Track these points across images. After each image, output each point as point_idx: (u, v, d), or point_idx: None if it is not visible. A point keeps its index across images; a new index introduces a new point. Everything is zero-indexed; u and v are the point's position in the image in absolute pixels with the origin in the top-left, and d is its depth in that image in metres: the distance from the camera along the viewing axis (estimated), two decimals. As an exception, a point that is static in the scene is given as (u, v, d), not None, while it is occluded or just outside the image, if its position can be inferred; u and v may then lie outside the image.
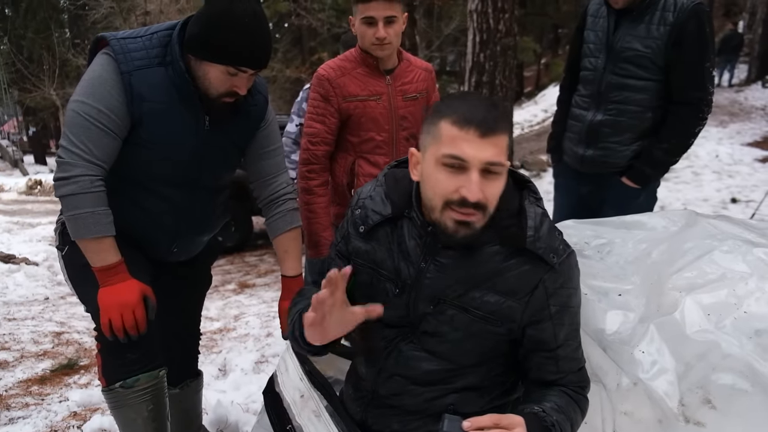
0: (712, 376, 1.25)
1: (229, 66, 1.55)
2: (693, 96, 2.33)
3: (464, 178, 1.14)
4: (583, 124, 2.54)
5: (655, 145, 2.40)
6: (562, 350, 1.27)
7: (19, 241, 7.47)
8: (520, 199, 1.28)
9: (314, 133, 2.22)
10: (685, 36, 2.26)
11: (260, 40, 1.56)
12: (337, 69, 2.23)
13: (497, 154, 1.14)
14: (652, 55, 2.32)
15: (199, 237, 1.95)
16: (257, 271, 6.27)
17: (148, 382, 1.67)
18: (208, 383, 2.93)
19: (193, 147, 1.69)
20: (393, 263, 1.31)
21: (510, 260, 1.23)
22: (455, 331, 1.26)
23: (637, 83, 2.38)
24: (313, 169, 2.24)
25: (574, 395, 1.26)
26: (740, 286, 1.35)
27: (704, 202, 7.09)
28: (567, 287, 1.25)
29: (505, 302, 1.23)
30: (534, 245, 1.22)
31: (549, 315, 1.24)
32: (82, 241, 1.59)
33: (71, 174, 1.54)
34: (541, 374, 1.29)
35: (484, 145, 1.13)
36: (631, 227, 1.67)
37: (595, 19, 2.50)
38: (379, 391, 1.36)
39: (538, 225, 1.24)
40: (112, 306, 1.58)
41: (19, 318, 4.47)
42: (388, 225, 1.33)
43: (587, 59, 2.52)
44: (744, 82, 16.03)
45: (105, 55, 1.59)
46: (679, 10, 2.25)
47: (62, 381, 3.22)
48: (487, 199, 1.16)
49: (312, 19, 15.69)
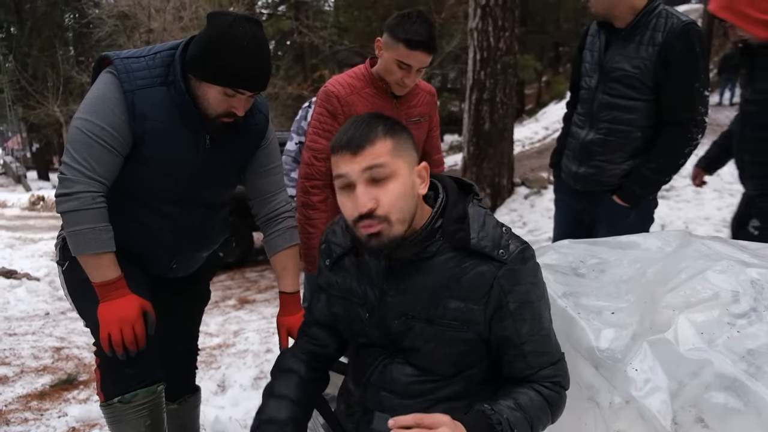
0: (705, 395, 1.25)
1: (227, 87, 1.57)
2: (682, 116, 2.34)
3: (355, 196, 1.20)
4: (578, 142, 2.58)
5: (644, 164, 2.42)
6: (528, 345, 1.27)
7: (21, 257, 7.50)
8: (464, 205, 1.31)
9: (320, 149, 2.22)
10: (674, 56, 2.26)
11: (259, 63, 1.59)
12: (347, 86, 2.24)
13: (374, 158, 1.19)
14: (640, 75, 2.33)
15: (199, 253, 1.97)
16: (257, 286, 6.28)
17: (145, 398, 1.68)
18: (206, 399, 2.94)
19: (194, 165, 1.72)
20: (361, 289, 1.36)
21: (463, 264, 1.25)
22: (428, 344, 1.28)
23: (626, 103, 2.39)
24: (316, 185, 2.24)
25: (546, 391, 1.26)
26: (733, 306, 1.36)
27: (705, 221, 7.07)
28: (524, 282, 1.25)
29: (465, 306, 1.25)
30: (479, 245, 1.24)
31: (509, 312, 1.25)
32: (83, 256, 1.61)
33: (73, 190, 1.57)
34: (512, 371, 1.30)
35: (357, 160, 1.20)
36: (626, 247, 1.68)
37: (593, 39, 2.54)
38: (368, 406, 1.37)
39: (481, 224, 1.26)
40: (111, 321, 1.59)
41: (20, 333, 4.47)
42: (352, 254, 1.39)
43: (584, 78, 2.56)
44: (744, 100, 16.09)
45: (108, 74, 1.62)
46: (668, 31, 2.26)
47: (61, 396, 3.22)
48: (381, 204, 1.19)
49: (314, 36, 15.85)
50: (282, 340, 1.89)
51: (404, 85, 2.17)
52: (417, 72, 2.15)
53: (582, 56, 2.60)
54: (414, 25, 2.07)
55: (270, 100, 3.44)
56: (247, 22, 1.56)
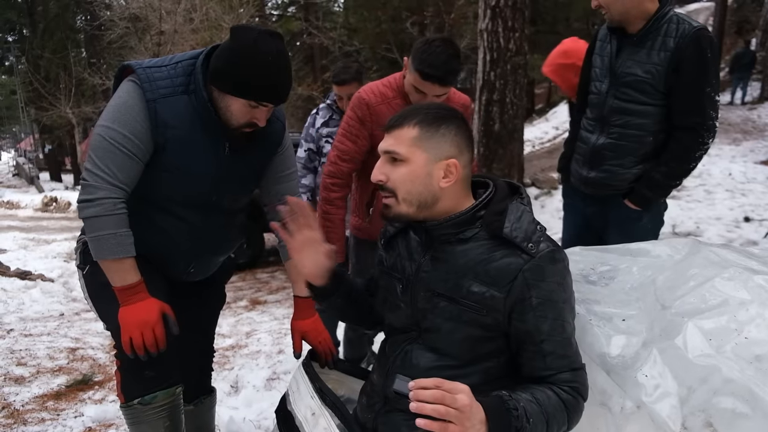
0: (714, 400, 1.27)
1: (251, 100, 1.62)
2: (693, 121, 2.34)
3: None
4: (588, 146, 2.59)
5: (655, 168, 2.43)
6: (547, 345, 1.29)
7: (34, 258, 7.58)
8: (508, 201, 1.39)
9: (346, 150, 2.31)
10: (685, 62, 2.27)
11: (282, 77, 1.63)
12: (379, 95, 2.30)
13: (393, 144, 1.37)
14: (652, 80, 2.34)
15: (216, 258, 2.01)
16: (269, 287, 6.32)
17: (165, 399, 1.72)
18: (220, 400, 2.97)
19: (213, 172, 1.76)
20: (401, 264, 1.48)
21: (493, 251, 1.32)
22: (448, 322, 1.35)
23: (637, 108, 2.40)
24: (337, 183, 2.33)
25: (564, 394, 1.27)
26: (741, 313, 1.37)
27: (717, 221, 7.04)
28: (549, 281, 1.29)
29: (488, 291, 1.30)
30: (510, 234, 1.31)
31: (531, 306, 1.28)
32: (104, 261, 1.65)
33: (95, 196, 1.61)
34: (531, 370, 1.32)
35: (387, 138, 1.40)
36: (636, 254, 1.70)
37: (603, 44, 2.55)
38: (388, 394, 1.41)
39: (517, 217, 1.34)
40: (132, 324, 1.64)
41: (35, 334, 4.53)
42: (403, 234, 1.52)
43: (593, 83, 2.57)
44: (757, 99, 15.94)
45: (131, 83, 1.66)
46: (680, 36, 2.28)
47: (77, 396, 3.27)
48: (390, 181, 1.37)
49: (324, 37, 15.90)
50: (296, 344, 1.92)
51: None
52: (435, 97, 2.17)
53: (591, 61, 2.62)
54: (431, 56, 2.09)
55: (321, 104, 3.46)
56: (270, 36, 1.60)
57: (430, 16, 15.32)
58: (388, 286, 1.50)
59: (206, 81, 1.66)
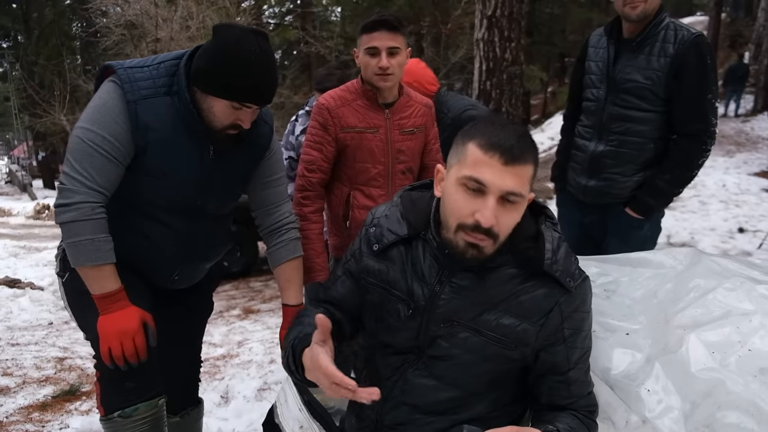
0: (718, 415, 1.23)
1: (234, 101, 1.57)
2: (695, 128, 2.32)
3: (481, 203, 1.15)
4: (586, 155, 2.54)
5: (658, 176, 2.39)
6: (574, 373, 1.27)
7: (25, 266, 7.50)
8: (536, 224, 1.30)
9: (311, 160, 2.26)
10: (686, 68, 2.26)
11: (267, 76, 1.58)
12: (338, 99, 2.27)
13: (518, 184, 1.15)
14: (652, 86, 2.32)
15: (201, 265, 1.95)
16: (262, 296, 6.25)
17: (147, 412, 1.66)
18: (209, 411, 2.91)
19: (198, 176, 1.70)
20: (406, 284, 1.31)
21: (526, 283, 1.25)
22: (467, 354, 1.26)
23: (638, 114, 2.37)
24: (308, 196, 2.27)
25: (584, 419, 1.26)
26: (744, 324, 1.34)
27: (711, 232, 7.04)
28: (581, 311, 1.27)
29: (520, 325, 1.24)
30: (551, 268, 1.23)
31: (563, 338, 1.25)
32: (82, 268, 1.59)
33: (72, 201, 1.55)
34: (552, 399, 1.29)
35: (505, 173, 1.14)
36: (636, 265, 1.66)
37: (596, 50, 2.52)
38: (383, 420, 1.35)
39: (555, 248, 1.25)
40: (111, 334, 1.58)
41: (23, 343, 4.46)
42: (403, 245, 1.34)
43: (589, 90, 2.53)
44: (750, 112, 16.07)
45: (111, 83, 1.61)
46: (679, 42, 2.26)
47: (63, 407, 3.21)
48: (500, 227, 1.17)
49: (320, 46, 15.88)
50: None
51: (383, 73, 2.17)
52: (391, 55, 2.16)
53: (584, 67, 2.58)
54: (372, 17, 2.19)
55: (276, 110, 3.42)
56: (254, 35, 1.55)
57: (426, 27, 15.36)
58: (385, 304, 1.34)
59: (189, 82, 1.61)
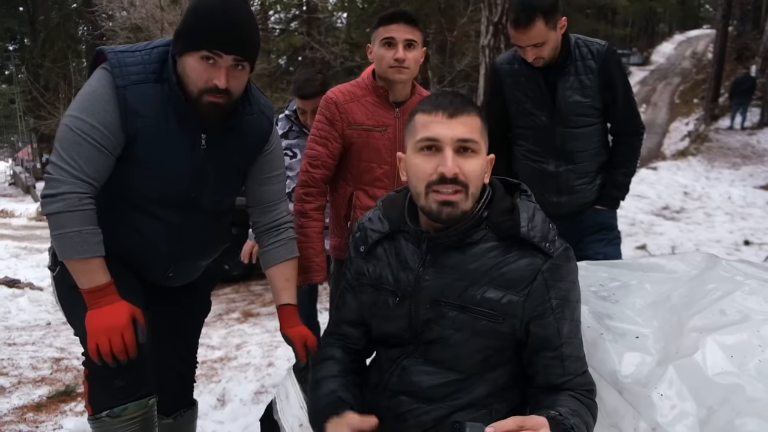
0: (737, 422, 1.17)
1: (203, 50, 1.48)
2: (633, 124, 2.61)
3: (440, 158, 1.23)
4: (548, 175, 2.64)
5: (615, 172, 2.64)
6: (567, 348, 1.26)
7: (25, 266, 7.50)
8: (512, 199, 1.32)
9: (315, 155, 2.19)
10: (612, 78, 2.49)
11: (235, 22, 1.50)
12: (347, 94, 2.20)
13: (468, 131, 1.23)
14: (591, 102, 2.51)
15: (197, 262, 1.89)
16: (262, 300, 6.22)
17: (136, 412, 1.60)
18: (205, 413, 2.87)
19: (189, 166, 1.64)
20: (393, 275, 1.35)
21: (507, 254, 1.26)
22: (458, 333, 1.26)
23: (587, 130, 2.57)
24: (310, 192, 2.19)
25: (584, 399, 1.24)
26: (765, 327, 1.29)
27: (717, 243, 7.00)
28: (566, 280, 1.26)
29: (504, 296, 1.24)
30: (528, 234, 1.24)
31: (550, 308, 1.24)
32: (70, 261, 1.53)
33: (59, 191, 1.49)
34: (547, 377, 1.27)
35: (453, 124, 1.23)
36: (647, 270, 1.62)
37: (515, 80, 2.58)
38: (383, 412, 1.32)
39: (531, 216, 1.27)
40: (99, 329, 1.50)
41: (20, 343, 4.43)
42: (386, 242, 1.39)
43: (528, 117, 2.60)
44: (756, 125, 16.07)
45: (102, 70, 1.56)
46: (597, 56, 2.46)
47: (58, 408, 3.16)
48: (465, 175, 1.22)
49: (325, 52, 15.94)
50: (301, 353, 1.76)
51: (399, 65, 2.11)
52: (408, 49, 2.11)
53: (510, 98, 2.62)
54: (389, 11, 2.19)
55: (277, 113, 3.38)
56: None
57: (432, 34, 15.38)
58: (376, 300, 1.37)
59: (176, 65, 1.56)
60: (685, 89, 26.75)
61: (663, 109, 24.28)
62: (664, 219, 8.44)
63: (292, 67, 21.63)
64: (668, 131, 21.02)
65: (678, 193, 10.04)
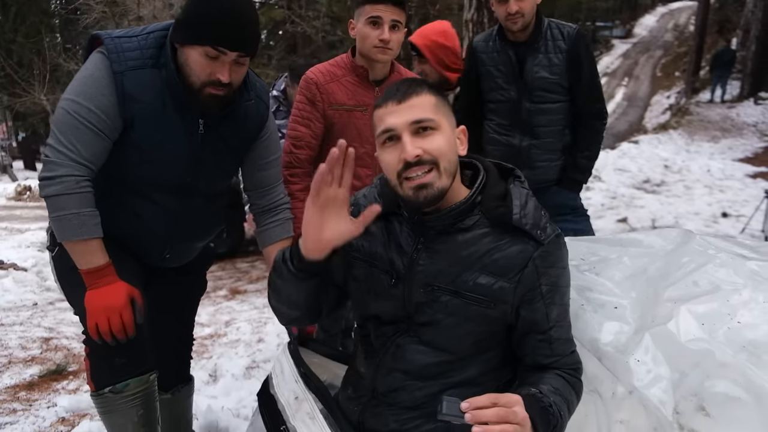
0: (706, 384, 1.25)
1: (207, 46, 1.50)
2: (597, 107, 2.70)
3: (401, 146, 1.24)
4: (513, 149, 2.72)
5: (578, 155, 2.72)
6: (555, 331, 1.28)
7: (7, 247, 7.39)
8: (505, 185, 1.33)
9: (298, 136, 2.20)
10: (580, 59, 2.60)
11: (241, 20, 1.52)
12: (327, 74, 2.21)
13: (419, 112, 1.24)
14: (559, 80, 2.61)
15: (193, 244, 1.93)
16: (249, 277, 6.24)
17: (137, 387, 1.66)
18: (198, 389, 2.91)
19: (186, 151, 1.67)
20: (387, 255, 1.35)
21: (499, 241, 1.27)
22: (450, 317, 1.28)
23: (552, 106, 2.66)
24: (296, 173, 2.21)
25: (569, 378, 1.27)
26: (734, 297, 1.36)
27: (695, 216, 7.13)
28: (557, 266, 1.28)
29: (496, 283, 1.25)
30: (520, 222, 1.25)
31: (540, 294, 1.26)
32: (68, 243, 1.56)
33: (57, 174, 1.52)
34: (535, 358, 1.30)
35: (403, 110, 1.24)
36: (626, 245, 1.68)
37: (490, 56, 2.69)
38: (377, 388, 1.36)
39: (523, 203, 1.28)
40: (98, 309, 1.56)
41: (7, 324, 4.42)
42: (381, 221, 1.37)
43: (498, 92, 2.70)
44: (736, 98, 16.18)
45: (99, 54, 1.57)
46: (567, 37, 2.59)
47: (50, 387, 3.19)
48: (429, 152, 1.23)
49: (307, 26, 15.75)
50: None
51: (384, 46, 2.11)
52: (393, 30, 2.11)
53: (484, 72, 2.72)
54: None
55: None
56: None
57: (414, 7, 15.23)
58: (370, 276, 1.38)
59: (175, 52, 1.57)
60: (667, 62, 26.84)
61: (645, 83, 24.38)
62: (645, 192, 8.58)
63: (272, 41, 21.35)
64: (650, 104, 21.13)
65: (659, 166, 10.17)
